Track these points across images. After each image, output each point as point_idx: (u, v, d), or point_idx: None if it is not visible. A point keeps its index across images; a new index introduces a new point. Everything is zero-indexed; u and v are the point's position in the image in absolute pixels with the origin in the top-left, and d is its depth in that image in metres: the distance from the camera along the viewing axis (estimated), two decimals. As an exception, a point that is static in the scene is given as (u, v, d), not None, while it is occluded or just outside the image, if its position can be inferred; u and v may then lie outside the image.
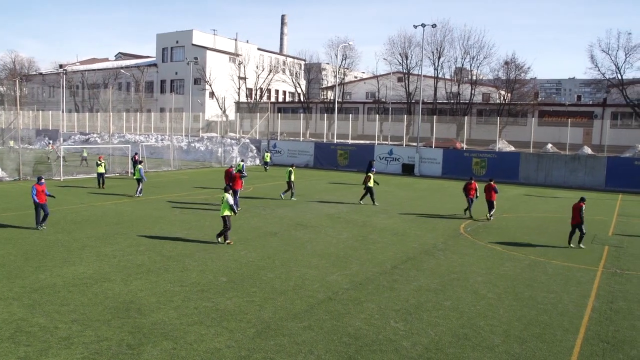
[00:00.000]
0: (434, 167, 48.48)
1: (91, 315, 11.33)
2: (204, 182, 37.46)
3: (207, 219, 23.07)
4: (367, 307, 12.47)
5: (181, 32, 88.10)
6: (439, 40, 63.34)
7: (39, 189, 19.80)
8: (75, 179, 37.07)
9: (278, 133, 61.89)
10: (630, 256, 18.70)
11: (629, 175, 40.62)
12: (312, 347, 10.18)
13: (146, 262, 15.75)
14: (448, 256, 17.83)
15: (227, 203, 18.09)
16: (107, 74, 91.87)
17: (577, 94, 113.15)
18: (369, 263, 16.52)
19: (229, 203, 18.10)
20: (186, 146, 59.38)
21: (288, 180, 29.93)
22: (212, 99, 78.42)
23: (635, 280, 15.56)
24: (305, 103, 75.27)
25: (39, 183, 20.07)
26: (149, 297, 12.59)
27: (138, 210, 24.74)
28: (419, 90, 54.37)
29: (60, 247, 17.26)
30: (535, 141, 47.99)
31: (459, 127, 57.82)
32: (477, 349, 10.38)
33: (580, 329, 11.54)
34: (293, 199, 29.47)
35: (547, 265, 17.01)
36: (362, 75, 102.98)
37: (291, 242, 19.04)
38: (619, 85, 56.11)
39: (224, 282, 14.02)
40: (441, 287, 14.21)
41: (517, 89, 62.99)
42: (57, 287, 13.13)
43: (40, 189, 19.81)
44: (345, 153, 53.02)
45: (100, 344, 9.96)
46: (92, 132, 72.46)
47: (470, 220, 24.90)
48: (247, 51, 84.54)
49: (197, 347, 9.99)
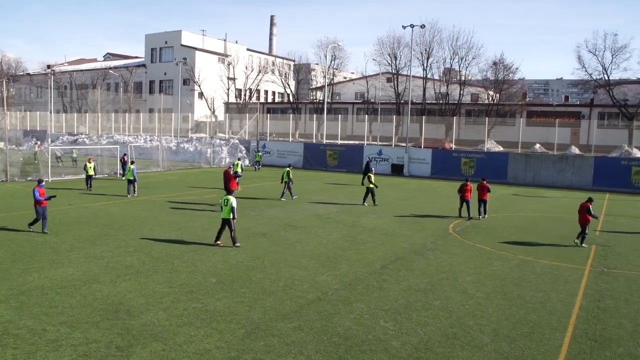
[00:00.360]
0: (423, 168, 48.62)
1: (80, 317, 11.27)
2: (193, 183, 37.34)
3: (196, 220, 23.01)
4: (357, 307, 12.49)
5: (170, 33, 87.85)
6: (428, 41, 63.75)
7: (41, 192, 19.49)
8: (64, 180, 36.83)
9: (267, 133, 61.88)
10: (617, 255, 18.86)
11: (616, 175, 41.00)
12: (302, 347, 10.18)
13: (135, 263, 15.68)
14: (437, 256, 17.89)
15: (231, 206, 17.81)
16: (95, 74, 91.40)
17: (564, 94, 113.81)
18: (359, 263, 16.54)
19: (232, 205, 17.80)
20: (175, 147, 59.17)
21: (286, 180, 29.86)
22: (201, 100, 78.26)
23: (622, 279, 15.70)
24: (295, 103, 75.30)
25: (40, 185, 19.76)
26: (138, 299, 12.53)
27: (127, 212, 24.63)
28: (408, 90, 54.49)
29: (48, 248, 17.15)
30: (523, 141, 48.29)
31: (448, 127, 58.06)
32: (466, 348, 10.42)
33: (568, 328, 11.62)
34: (283, 200, 29.48)
35: (535, 264, 17.12)
36: (352, 75, 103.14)
37: (281, 243, 19.02)
38: (605, 86, 56.65)
39: (213, 283, 13.99)
40: (430, 287, 14.26)
41: (506, 90, 63.44)
42: (45, 289, 13.05)
43: (42, 192, 19.52)
44: (335, 153, 53.06)
45: (88, 346, 9.91)
46: (80, 132, 72.06)
47: (467, 220, 24.87)
48: (236, 52, 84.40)
49: (187, 348, 9.96)
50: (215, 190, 32.82)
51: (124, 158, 39.40)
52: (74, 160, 47.69)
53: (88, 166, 31.90)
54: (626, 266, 17.30)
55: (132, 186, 29.81)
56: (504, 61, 64.16)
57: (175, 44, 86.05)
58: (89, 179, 31.89)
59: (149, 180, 38.43)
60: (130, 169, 29.85)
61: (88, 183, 31.91)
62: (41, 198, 19.35)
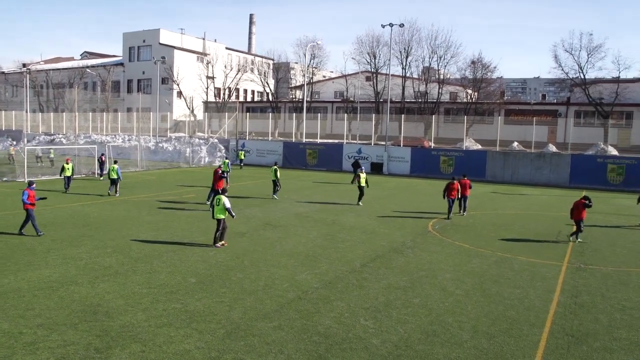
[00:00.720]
0: (402, 166, 48.84)
1: (57, 320, 11.14)
2: (172, 183, 37.10)
3: (175, 219, 22.87)
4: (337, 305, 12.51)
5: (148, 31, 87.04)
6: (407, 40, 63.89)
7: (31, 194, 19.04)
8: (40, 180, 36.31)
9: (247, 133, 61.64)
10: (594, 251, 19.12)
11: (592, 172, 41.60)
12: (282, 346, 10.18)
13: (113, 264, 15.54)
14: (417, 254, 17.99)
15: (223, 206, 17.68)
16: (72, 73, 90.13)
17: (542, 92, 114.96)
18: (338, 262, 16.56)
19: (225, 206, 17.67)
20: (154, 146, 58.70)
21: (274, 179, 30.16)
22: (180, 99, 77.67)
23: (598, 275, 15.93)
24: (274, 102, 75.13)
25: (30, 188, 19.33)
26: (116, 300, 12.43)
27: (105, 212, 24.39)
28: (387, 89, 54.68)
29: (24, 250, 16.91)
30: (501, 139, 48.75)
31: (427, 125, 58.38)
32: (445, 345, 10.50)
33: (546, 323, 11.76)
34: (275, 197, 29.66)
35: (513, 261, 17.29)
36: (331, 74, 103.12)
37: (260, 242, 18.99)
38: (582, 85, 57.38)
39: (192, 283, 13.92)
40: (410, 285, 14.33)
41: (484, 88, 63.83)
42: (22, 291, 12.87)
43: (32, 194, 19.06)
44: (314, 152, 53.08)
45: (66, 348, 9.80)
46: (57, 132, 71.15)
47: (444, 219, 25.00)
48: (215, 50, 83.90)
49: (167, 349, 9.90)
50: (195, 190, 32.66)
51: (102, 158, 39.05)
52: (51, 160, 47.10)
53: (66, 167, 31.33)
54: (602, 262, 17.56)
55: (115, 185, 29.97)
56: (482, 60, 64.55)
57: (154, 42, 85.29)
58: (68, 180, 31.25)
59: (128, 180, 38.04)
60: (115, 168, 30.05)
61: (66, 184, 31.27)
62: (28, 202, 18.83)
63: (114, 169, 30.02)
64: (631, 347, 10.69)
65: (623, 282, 15.18)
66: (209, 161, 55.32)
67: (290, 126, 61.36)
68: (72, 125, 64.96)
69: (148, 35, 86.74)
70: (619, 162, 41.49)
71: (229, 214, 17.79)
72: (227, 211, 17.69)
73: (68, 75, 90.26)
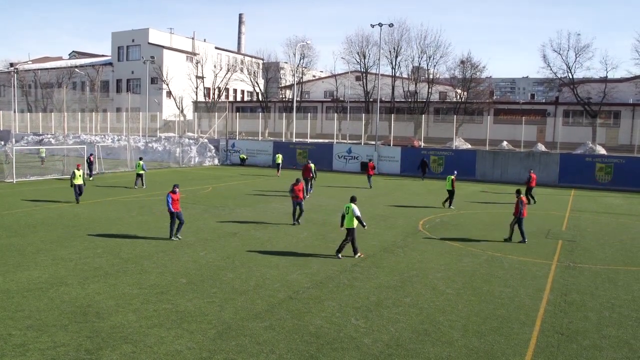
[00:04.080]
0: (392, 165, 48.92)
1: (47, 321, 11.07)
2: (162, 183, 36.92)
3: (165, 220, 22.70)
4: (328, 305, 12.52)
5: (137, 31, 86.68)
6: (396, 40, 63.96)
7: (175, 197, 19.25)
8: (29, 181, 36.10)
9: (237, 132, 61.55)
10: (583, 250, 19.25)
11: (581, 171, 41.86)
12: (274, 346, 10.17)
13: (104, 264, 15.47)
14: (407, 253, 18.03)
15: (352, 214, 16.70)
16: (60, 73, 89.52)
17: (530, 92, 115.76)
18: (329, 261, 16.57)
19: (355, 214, 16.71)
20: (143, 146, 58.43)
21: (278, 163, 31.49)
22: (169, 99, 77.39)
23: (588, 273, 16.03)
24: (264, 102, 75.00)
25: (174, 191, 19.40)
26: (107, 301, 12.37)
27: (95, 213, 24.27)
28: (376, 89, 54.73)
29: (13, 251, 16.80)
30: (491, 139, 48.94)
31: (417, 125, 58.48)
32: (436, 344, 10.53)
33: (536, 322, 11.83)
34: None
35: (503, 260, 17.37)
36: (321, 74, 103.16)
37: (251, 242, 18.96)
38: (570, 84, 57.72)
39: (183, 283, 13.88)
40: (401, 284, 14.36)
41: (473, 88, 64.11)
42: (11, 292, 12.78)
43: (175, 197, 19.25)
44: (304, 152, 53.03)
45: (57, 349, 9.74)
46: (46, 132, 70.68)
47: (433, 216, 25.20)
48: (204, 50, 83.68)
49: (158, 349, 9.87)
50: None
51: (90, 158, 38.83)
52: (42, 159, 46.80)
53: (77, 174, 27.01)
54: (591, 260, 17.68)
55: (140, 179, 33.26)
56: (471, 60, 64.76)
57: (143, 42, 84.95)
58: (79, 189, 26.91)
59: (117, 180, 37.90)
60: (140, 164, 33.27)
61: (76, 193, 26.89)
62: (172, 207, 18.95)
63: (140, 164, 33.17)
64: (620, 344, 10.78)
65: (612, 281, 15.29)
66: (198, 161, 55.18)
67: (280, 126, 61.29)
68: (61, 125, 64.55)
69: (137, 34, 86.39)
70: (607, 161, 41.77)
71: (359, 223, 16.94)
72: (357, 219, 16.83)
73: (56, 74, 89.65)
